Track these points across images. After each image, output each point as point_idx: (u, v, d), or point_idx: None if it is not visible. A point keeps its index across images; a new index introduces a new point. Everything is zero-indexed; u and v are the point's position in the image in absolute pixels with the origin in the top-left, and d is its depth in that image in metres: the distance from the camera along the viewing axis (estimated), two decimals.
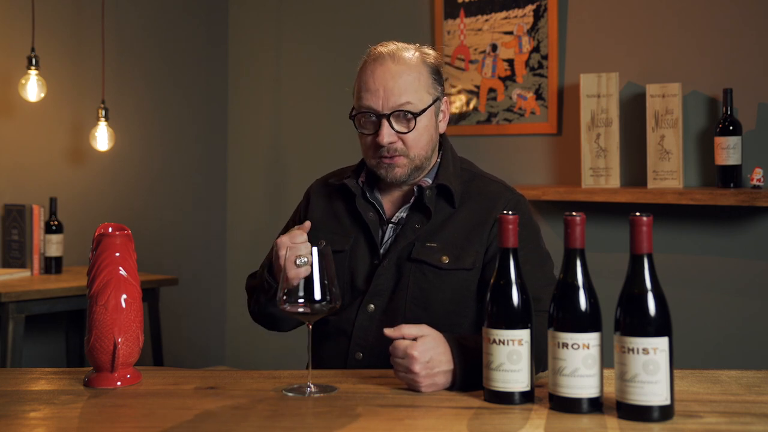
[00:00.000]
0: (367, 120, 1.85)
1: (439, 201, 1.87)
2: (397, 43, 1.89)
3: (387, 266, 1.84)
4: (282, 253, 1.66)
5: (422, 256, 1.83)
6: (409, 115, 1.82)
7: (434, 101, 1.86)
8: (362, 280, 1.86)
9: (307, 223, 1.77)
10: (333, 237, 1.91)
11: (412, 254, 1.83)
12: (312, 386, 1.51)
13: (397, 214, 1.89)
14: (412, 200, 1.88)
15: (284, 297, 1.49)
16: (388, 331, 1.55)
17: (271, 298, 1.83)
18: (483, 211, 1.86)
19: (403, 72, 1.82)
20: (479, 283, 1.82)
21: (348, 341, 1.83)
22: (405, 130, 1.82)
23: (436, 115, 1.88)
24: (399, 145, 1.83)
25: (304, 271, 1.54)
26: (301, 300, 1.48)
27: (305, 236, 1.71)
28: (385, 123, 1.81)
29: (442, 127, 1.91)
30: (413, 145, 1.83)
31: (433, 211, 1.85)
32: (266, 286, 1.83)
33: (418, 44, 1.91)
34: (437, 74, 1.88)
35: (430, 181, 1.89)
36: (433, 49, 1.92)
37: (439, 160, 1.93)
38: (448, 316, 1.81)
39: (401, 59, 1.84)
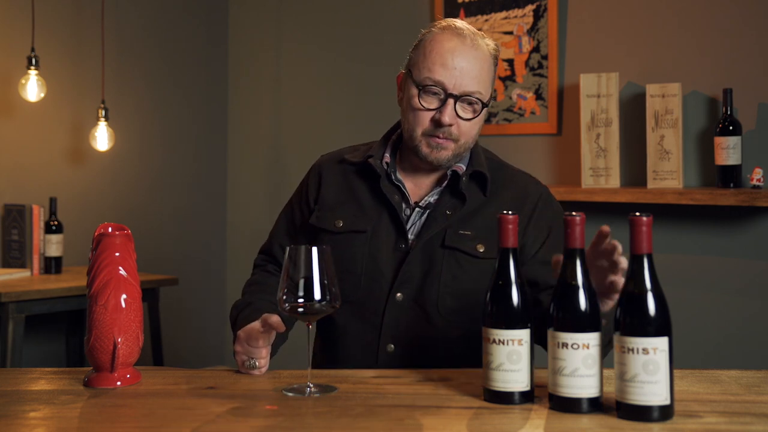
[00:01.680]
0: (433, 94, 1.77)
1: (471, 188, 1.83)
2: (465, 23, 1.82)
3: (416, 252, 1.78)
4: (237, 348, 1.67)
5: (457, 243, 1.78)
6: (477, 104, 1.77)
7: (492, 95, 1.84)
8: (386, 265, 1.80)
9: (276, 320, 1.60)
10: (352, 217, 1.84)
11: (446, 241, 1.78)
12: (312, 386, 1.51)
13: (426, 198, 1.83)
14: (444, 184, 1.82)
15: (284, 297, 1.49)
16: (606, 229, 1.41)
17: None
18: (515, 200, 1.83)
19: (479, 58, 1.77)
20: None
21: (377, 333, 1.77)
22: (469, 117, 1.78)
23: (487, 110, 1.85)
24: (455, 129, 1.77)
25: (255, 372, 1.63)
26: (300, 300, 1.48)
27: (261, 342, 1.63)
28: (451, 103, 1.75)
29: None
30: (466, 132, 1.79)
31: (467, 198, 1.81)
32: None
33: (481, 31, 1.85)
34: (495, 67, 1.84)
35: (464, 167, 1.84)
36: (494, 40, 1.85)
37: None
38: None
39: (479, 45, 1.78)
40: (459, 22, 1.81)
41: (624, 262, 1.40)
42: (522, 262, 1.75)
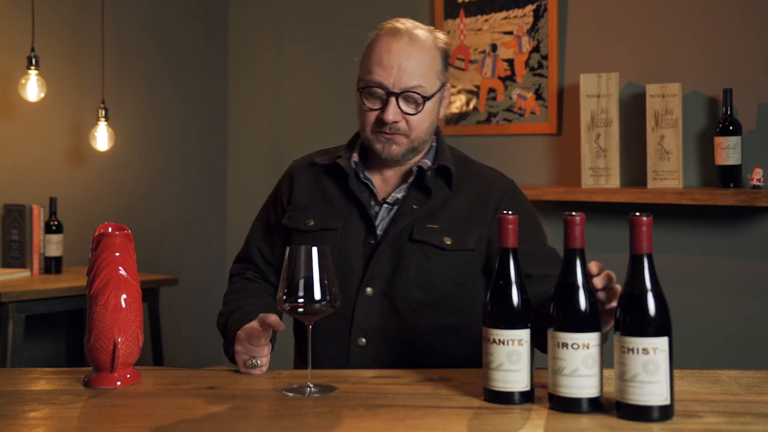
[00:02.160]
0: (374, 95, 1.83)
1: (438, 183, 1.87)
2: (411, 21, 1.88)
3: (385, 247, 1.82)
4: (238, 349, 1.68)
5: (424, 236, 1.82)
6: (419, 98, 1.81)
7: (441, 87, 1.87)
8: (356, 260, 1.83)
9: (274, 318, 1.62)
10: (322, 216, 1.89)
11: (413, 235, 1.82)
12: (312, 386, 1.51)
13: (392, 194, 1.88)
14: (411, 180, 1.87)
15: (284, 297, 1.49)
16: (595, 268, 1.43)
17: (225, 347, 1.81)
18: (481, 194, 1.87)
19: (418, 53, 1.81)
20: (485, 270, 1.84)
21: (349, 327, 1.80)
22: (412, 112, 1.82)
23: (440, 101, 1.88)
24: (402, 125, 1.82)
25: (257, 372, 1.63)
26: (300, 300, 1.48)
27: (263, 341, 1.65)
28: (392, 101, 1.80)
29: (443, 113, 1.92)
30: (416, 126, 1.83)
31: (433, 193, 1.85)
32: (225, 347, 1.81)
33: (431, 26, 1.90)
34: (446, 60, 1.89)
35: (430, 163, 1.89)
36: (445, 33, 1.91)
37: (435, 144, 1.93)
38: (450, 297, 1.82)
39: (418, 40, 1.83)
40: (400, 22, 1.87)
41: (619, 288, 1.41)
42: (490, 255, 1.83)
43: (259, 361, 1.65)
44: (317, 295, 1.48)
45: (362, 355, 1.80)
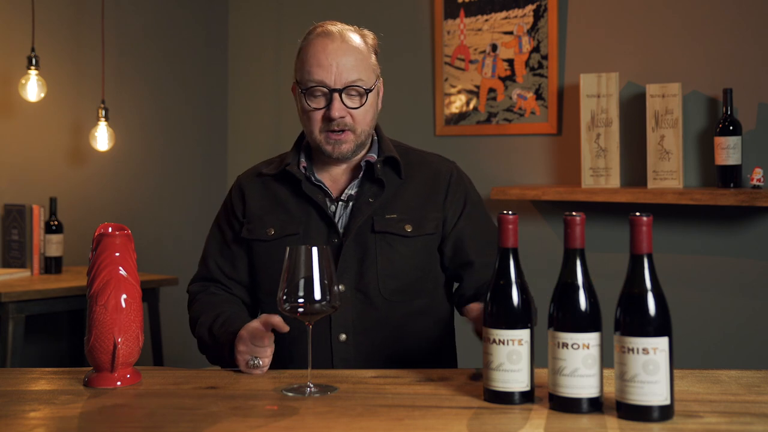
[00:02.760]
0: (316, 94, 1.87)
1: (387, 174, 1.93)
2: (339, 23, 1.96)
3: (350, 243, 1.87)
4: (241, 348, 1.68)
5: (386, 227, 1.88)
6: (361, 90, 1.88)
7: (377, 80, 1.94)
8: None
9: (278, 319, 1.63)
10: (281, 223, 1.92)
11: (375, 227, 1.88)
12: (312, 386, 1.51)
13: (346, 191, 1.93)
14: (361, 175, 1.93)
15: (284, 297, 1.49)
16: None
17: (212, 354, 1.83)
18: (430, 179, 1.95)
19: (353, 50, 1.89)
20: (439, 251, 1.93)
21: (328, 326, 1.84)
22: (356, 106, 1.88)
23: (378, 94, 1.96)
24: (348, 120, 1.88)
25: (258, 372, 1.65)
26: (301, 300, 1.48)
27: (267, 341, 1.66)
28: (336, 97, 1.86)
29: (380, 105, 1.98)
30: (361, 120, 1.89)
31: (386, 184, 1.91)
32: (209, 343, 1.83)
33: (355, 26, 1.98)
34: (376, 55, 1.97)
35: (376, 156, 1.95)
36: (370, 31, 1.99)
37: (376, 137, 2.00)
38: (417, 282, 1.89)
39: (350, 39, 1.91)
40: (329, 24, 1.94)
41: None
42: (444, 236, 1.91)
43: (261, 362, 1.66)
44: (317, 296, 1.48)
45: (344, 350, 1.85)
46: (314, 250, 1.48)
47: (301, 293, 1.48)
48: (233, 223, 2.01)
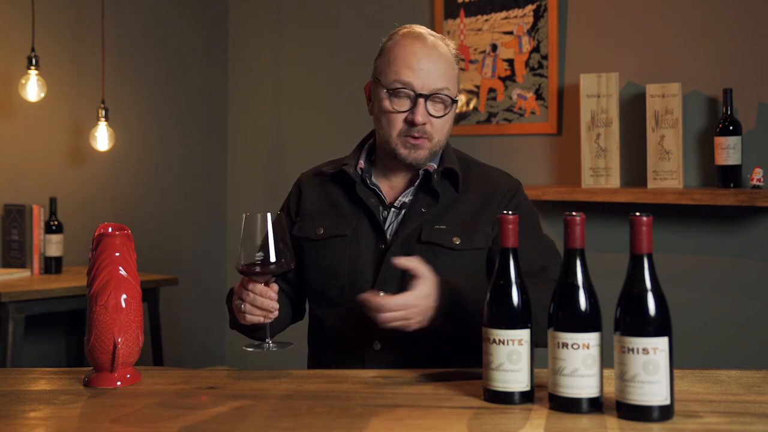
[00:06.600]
0: (402, 97, 1.82)
1: (444, 185, 1.88)
2: (422, 26, 1.90)
3: (395, 250, 1.82)
4: (235, 288, 1.74)
5: (433, 238, 1.83)
6: (447, 100, 1.83)
7: (458, 93, 1.90)
8: (367, 265, 1.85)
9: (273, 287, 1.70)
10: (332, 223, 1.90)
11: (422, 237, 1.83)
12: (270, 342, 1.64)
13: (400, 198, 1.89)
14: (417, 183, 1.88)
15: (241, 260, 1.63)
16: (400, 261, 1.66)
17: (240, 328, 1.85)
18: (486, 193, 1.89)
19: (443, 57, 1.84)
20: (488, 260, 1.87)
21: (363, 333, 1.80)
22: (440, 114, 1.83)
23: (455, 108, 1.90)
24: (428, 127, 1.83)
25: (258, 317, 1.68)
26: (258, 259, 1.62)
27: (250, 286, 1.69)
28: (421, 103, 1.81)
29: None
30: (439, 130, 1.85)
31: (441, 195, 1.87)
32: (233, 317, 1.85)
33: (440, 34, 1.94)
34: (458, 69, 1.91)
35: (435, 166, 1.90)
36: (452, 42, 1.94)
37: None
38: None
39: (440, 46, 1.85)
40: (418, 27, 1.89)
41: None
42: (495, 250, 1.82)
43: (244, 306, 1.67)
44: (272, 258, 1.61)
45: (377, 359, 1.81)
46: (268, 215, 1.61)
47: (259, 254, 1.61)
48: (287, 220, 1.99)
